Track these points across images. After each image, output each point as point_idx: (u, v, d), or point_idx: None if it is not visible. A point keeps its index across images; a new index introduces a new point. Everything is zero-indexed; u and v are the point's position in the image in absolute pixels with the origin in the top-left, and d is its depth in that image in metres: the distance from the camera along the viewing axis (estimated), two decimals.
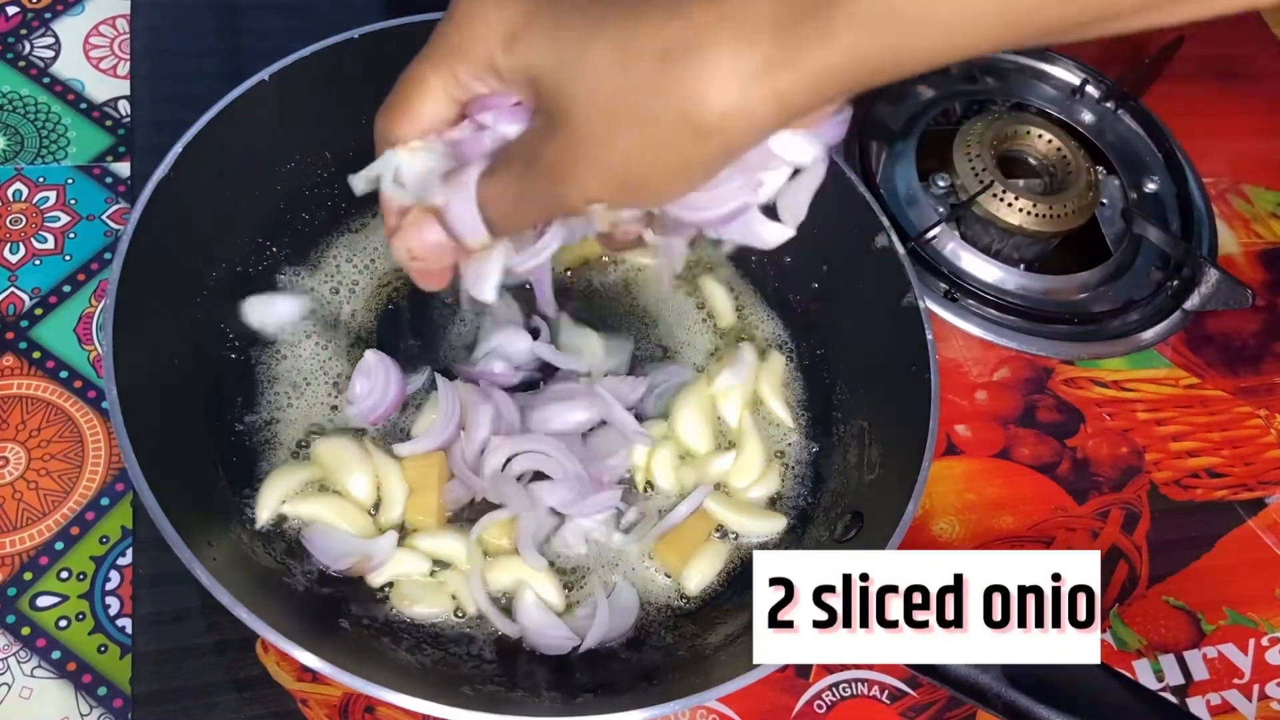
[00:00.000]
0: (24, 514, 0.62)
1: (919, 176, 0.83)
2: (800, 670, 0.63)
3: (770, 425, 0.69)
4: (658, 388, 0.68)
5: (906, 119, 0.87)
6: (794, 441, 0.68)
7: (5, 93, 0.76)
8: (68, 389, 0.66)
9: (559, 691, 0.56)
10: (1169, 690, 0.67)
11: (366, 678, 0.48)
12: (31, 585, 0.61)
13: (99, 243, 0.72)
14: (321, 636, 0.53)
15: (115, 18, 0.81)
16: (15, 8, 0.80)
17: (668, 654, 0.60)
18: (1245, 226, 0.90)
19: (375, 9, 0.82)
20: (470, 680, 0.56)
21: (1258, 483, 0.76)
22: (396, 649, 0.56)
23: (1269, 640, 0.70)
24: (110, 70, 0.79)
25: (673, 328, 0.71)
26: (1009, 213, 0.79)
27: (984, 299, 0.79)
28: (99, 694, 0.59)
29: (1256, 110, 0.97)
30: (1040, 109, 0.91)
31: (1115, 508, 0.73)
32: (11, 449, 0.64)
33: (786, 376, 0.70)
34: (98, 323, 0.69)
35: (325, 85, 0.65)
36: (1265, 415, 0.79)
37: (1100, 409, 0.77)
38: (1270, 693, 0.68)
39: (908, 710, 0.63)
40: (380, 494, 0.61)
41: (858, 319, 0.69)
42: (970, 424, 0.75)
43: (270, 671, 0.58)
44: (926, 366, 0.62)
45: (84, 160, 0.75)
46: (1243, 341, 0.83)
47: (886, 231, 0.66)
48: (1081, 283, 0.82)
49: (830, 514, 0.64)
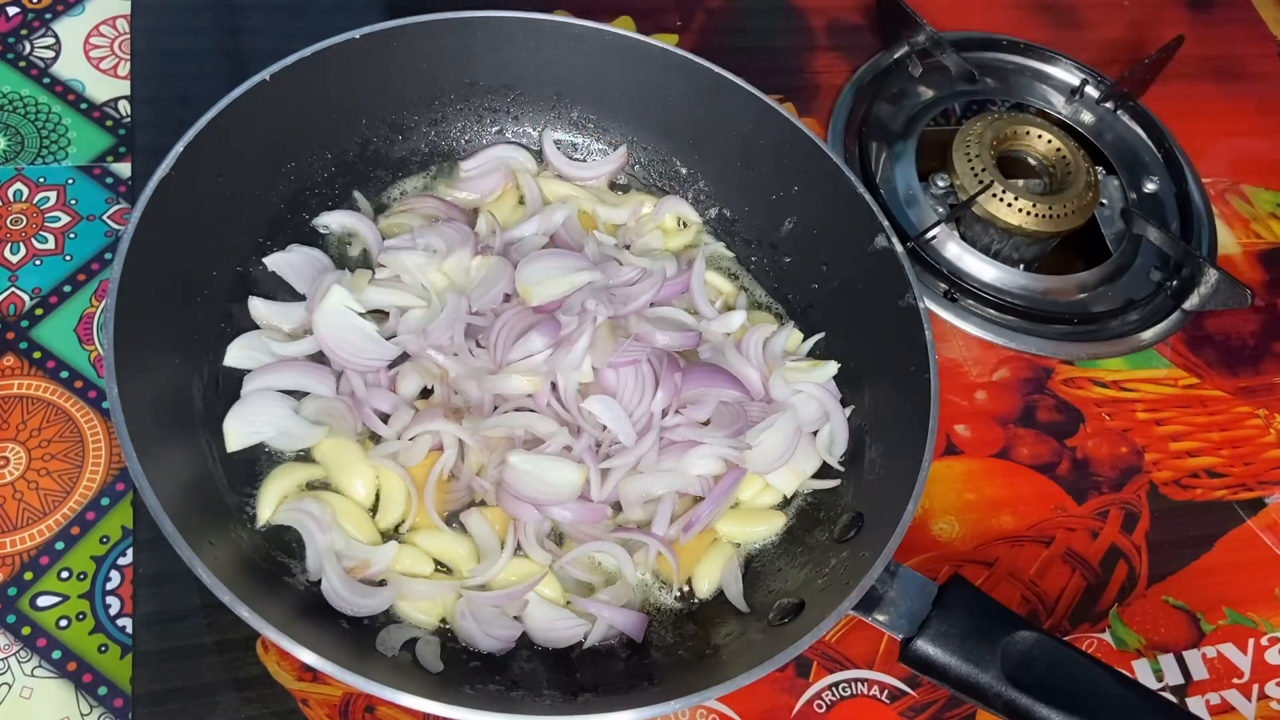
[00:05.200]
0: (24, 514, 0.62)
1: (919, 177, 0.84)
2: (800, 670, 0.63)
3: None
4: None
5: (906, 119, 0.87)
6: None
7: (6, 93, 0.76)
8: (68, 389, 0.66)
9: (559, 690, 0.56)
10: (1169, 690, 0.67)
11: (367, 677, 0.48)
12: (32, 585, 0.61)
13: (99, 243, 0.72)
14: (322, 636, 0.53)
15: (115, 18, 0.81)
16: (15, 8, 0.80)
17: (668, 654, 0.60)
18: (1245, 226, 0.90)
19: (375, 9, 0.82)
20: (471, 679, 0.56)
21: (1257, 482, 0.76)
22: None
23: (1268, 640, 0.70)
24: (111, 70, 0.79)
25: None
26: (1009, 213, 0.79)
27: (984, 299, 0.79)
28: (99, 694, 0.59)
29: (1256, 110, 0.97)
30: (1040, 109, 0.91)
31: (1115, 507, 0.73)
32: (12, 449, 0.64)
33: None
34: (98, 323, 0.69)
35: (325, 85, 0.65)
36: (1264, 415, 0.79)
37: (1100, 409, 0.77)
38: (1270, 692, 0.68)
39: (908, 710, 0.64)
40: (380, 494, 0.61)
41: (857, 319, 0.69)
42: (970, 424, 0.75)
43: (271, 671, 0.58)
44: (926, 366, 0.62)
45: (84, 160, 0.75)
46: (1242, 341, 0.83)
47: (886, 232, 0.66)
48: (1081, 283, 0.82)
49: (830, 514, 0.64)
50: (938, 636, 0.55)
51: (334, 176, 0.70)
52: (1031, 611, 0.68)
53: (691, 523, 0.61)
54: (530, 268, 0.65)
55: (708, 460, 0.62)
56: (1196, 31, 0.99)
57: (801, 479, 0.65)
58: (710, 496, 0.62)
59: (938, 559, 0.69)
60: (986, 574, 0.69)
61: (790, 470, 0.64)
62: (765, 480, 0.65)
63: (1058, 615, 0.69)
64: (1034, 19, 0.98)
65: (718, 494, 0.62)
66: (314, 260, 0.67)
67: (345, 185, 0.71)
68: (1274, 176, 0.93)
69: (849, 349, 0.69)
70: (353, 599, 0.56)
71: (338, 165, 0.70)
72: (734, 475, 0.63)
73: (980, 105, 0.91)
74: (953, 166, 0.82)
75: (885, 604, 0.56)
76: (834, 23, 0.93)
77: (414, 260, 0.65)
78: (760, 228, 0.74)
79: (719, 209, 0.76)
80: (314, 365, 0.63)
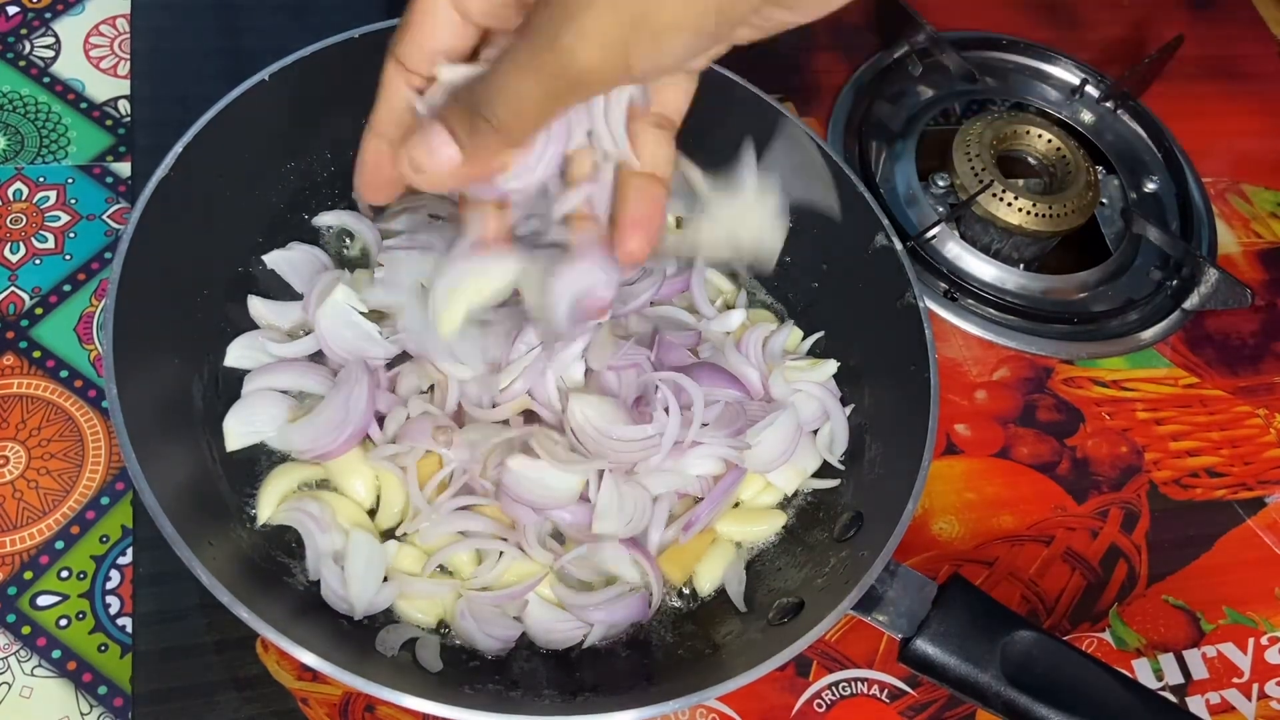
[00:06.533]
0: (24, 513, 0.62)
1: (919, 176, 0.83)
2: (800, 669, 0.64)
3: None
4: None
5: (906, 119, 0.87)
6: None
7: (5, 92, 0.76)
8: (68, 388, 0.66)
9: (559, 690, 0.56)
10: (1168, 689, 0.67)
11: (367, 677, 0.48)
12: (32, 584, 0.61)
13: (99, 242, 0.72)
14: (322, 636, 0.53)
15: (115, 17, 0.81)
16: (15, 7, 0.80)
17: (668, 654, 0.60)
18: (1245, 226, 0.90)
19: (375, 9, 0.82)
20: (470, 679, 0.56)
21: (1257, 482, 0.76)
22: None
23: (1268, 639, 0.70)
24: (111, 70, 0.79)
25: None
26: (1009, 212, 0.79)
27: (984, 299, 0.79)
28: (99, 693, 0.59)
29: (1256, 110, 0.97)
30: (1040, 109, 0.91)
31: (1115, 507, 0.73)
32: (11, 448, 0.64)
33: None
34: (98, 322, 0.69)
35: (325, 85, 0.65)
36: (1264, 415, 0.79)
37: (1100, 408, 0.77)
38: (1270, 692, 0.68)
39: (907, 710, 0.64)
40: (380, 494, 0.61)
41: (857, 318, 0.69)
42: (970, 423, 0.75)
43: (270, 670, 0.58)
44: (926, 366, 0.62)
45: (84, 160, 0.75)
46: (1242, 341, 0.83)
47: (886, 231, 0.66)
48: (1081, 282, 0.82)
49: (830, 513, 0.64)
50: (937, 636, 0.55)
51: (334, 176, 0.70)
52: (1031, 611, 0.68)
53: (691, 523, 0.61)
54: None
55: (707, 460, 0.62)
56: (1197, 31, 0.99)
57: (803, 478, 0.65)
58: (710, 496, 0.62)
59: (937, 558, 0.69)
60: (986, 573, 0.69)
61: (791, 469, 0.64)
62: (766, 479, 0.65)
63: (1058, 615, 0.69)
64: (1034, 18, 0.98)
65: (718, 494, 0.62)
66: (313, 259, 0.67)
67: (345, 185, 0.71)
68: (1274, 176, 0.93)
69: (849, 348, 0.69)
70: (351, 599, 0.56)
71: (338, 165, 0.69)
72: (734, 475, 0.62)
73: (980, 105, 0.91)
74: (953, 166, 0.82)
75: (885, 603, 0.56)
76: (834, 23, 0.93)
77: (413, 260, 0.65)
78: None
79: None
80: (314, 365, 0.63)
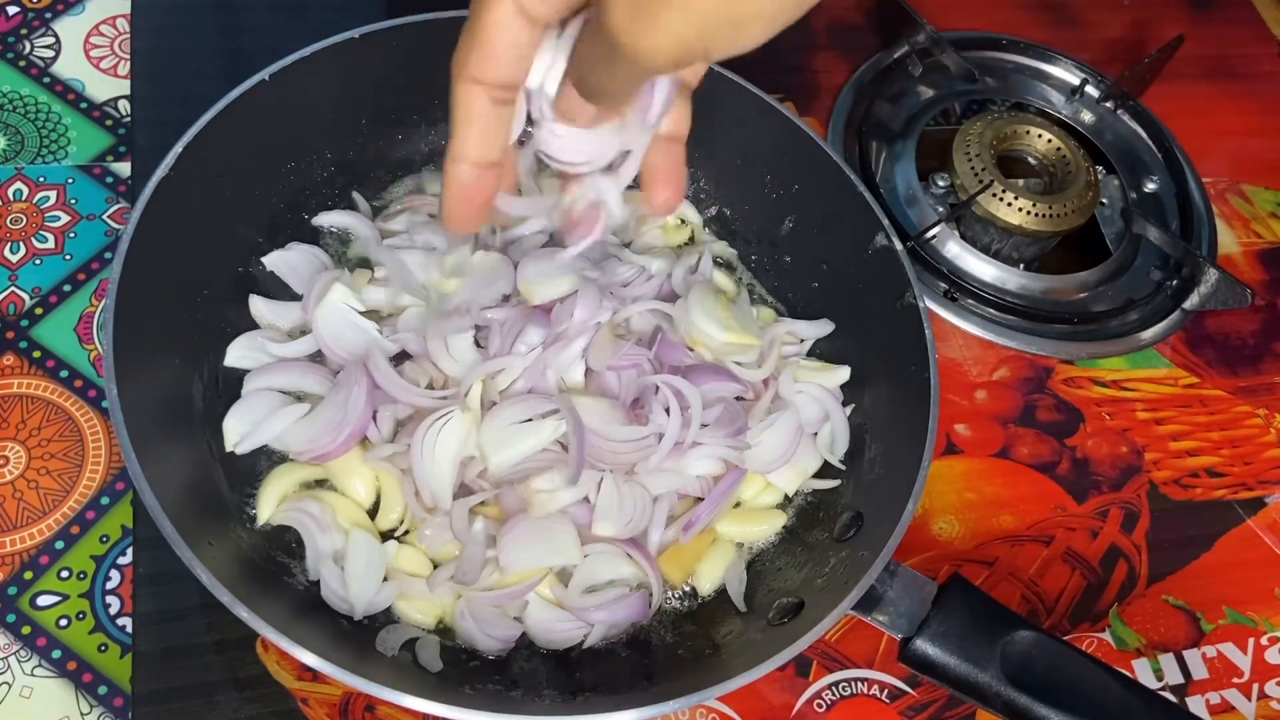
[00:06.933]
0: (24, 513, 0.62)
1: (919, 176, 0.83)
2: (800, 669, 0.64)
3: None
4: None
5: (906, 119, 0.87)
6: None
7: (5, 92, 0.76)
8: (68, 388, 0.66)
9: (559, 690, 0.56)
10: (1168, 689, 0.67)
11: (367, 677, 0.48)
12: (32, 584, 0.61)
13: (99, 242, 0.72)
14: (321, 636, 0.53)
15: (115, 17, 0.81)
16: (15, 7, 0.80)
17: (668, 654, 0.60)
18: (1245, 226, 0.90)
19: (375, 9, 0.82)
20: (470, 679, 0.56)
21: (1257, 482, 0.76)
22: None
23: (1268, 639, 0.70)
24: (110, 70, 0.79)
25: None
26: (1009, 212, 0.79)
27: (984, 299, 0.79)
28: (99, 693, 0.59)
29: (1256, 110, 0.97)
30: (1040, 109, 0.91)
31: (1115, 507, 0.73)
32: (11, 448, 0.64)
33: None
34: (98, 322, 0.69)
35: (325, 85, 0.65)
36: (1264, 415, 0.79)
37: (1100, 408, 0.77)
38: (1270, 692, 0.68)
39: (907, 709, 0.64)
40: (380, 494, 0.61)
41: (857, 318, 0.69)
42: (970, 423, 0.75)
43: (270, 670, 0.58)
44: (926, 366, 0.62)
45: (84, 160, 0.75)
46: (1242, 341, 0.83)
47: (886, 231, 0.66)
48: (1081, 282, 0.82)
49: (830, 513, 0.64)
50: (937, 636, 0.55)
51: (334, 176, 0.70)
52: (1031, 611, 0.68)
53: (691, 523, 0.61)
54: (531, 267, 0.65)
55: (707, 461, 0.62)
56: (1197, 31, 0.99)
57: (803, 478, 0.65)
58: (710, 497, 0.62)
59: (937, 558, 0.69)
60: (986, 573, 0.69)
61: (792, 469, 0.64)
62: (766, 480, 0.65)
63: (1058, 615, 0.69)
64: (1034, 18, 0.98)
65: (718, 494, 0.62)
66: (313, 259, 0.67)
67: (345, 185, 0.71)
68: (1274, 176, 0.93)
69: (849, 348, 0.69)
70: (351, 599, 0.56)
71: (337, 165, 0.70)
72: (734, 475, 0.62)
73: (980, 105, 0.91)
74: (953, 166, 0.82)
75: (885, 603, 0.56)
76: (834, 22, 0.93)
77: (413, 259, 0.65)
78: (760, 226, 0.74)
79: (719, 207, 0.76)
80: (314, 365, 0.63)
